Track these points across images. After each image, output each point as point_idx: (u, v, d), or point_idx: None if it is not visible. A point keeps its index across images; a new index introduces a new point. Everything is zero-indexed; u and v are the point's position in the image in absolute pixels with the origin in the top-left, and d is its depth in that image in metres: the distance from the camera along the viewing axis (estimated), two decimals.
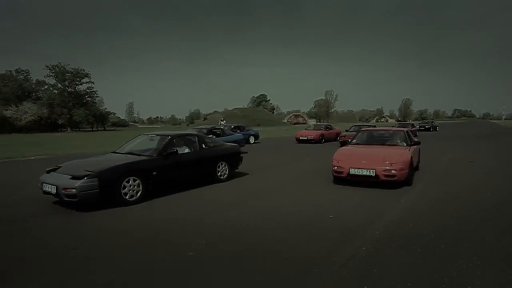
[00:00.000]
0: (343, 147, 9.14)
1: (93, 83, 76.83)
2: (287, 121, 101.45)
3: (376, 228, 4.84)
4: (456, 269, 3.49)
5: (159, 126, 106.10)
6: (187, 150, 7.88)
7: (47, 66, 71.83)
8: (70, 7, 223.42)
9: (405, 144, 8.75)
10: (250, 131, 23.20)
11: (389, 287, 3.16)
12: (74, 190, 5.65)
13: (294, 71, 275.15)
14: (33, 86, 74.51)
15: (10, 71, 71.45)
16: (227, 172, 8.67)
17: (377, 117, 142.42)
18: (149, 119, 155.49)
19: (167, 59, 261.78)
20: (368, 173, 7.42)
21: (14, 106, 64.57)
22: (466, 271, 3.48)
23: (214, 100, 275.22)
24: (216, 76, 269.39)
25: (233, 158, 8.98)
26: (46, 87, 75.59)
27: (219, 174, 8.43)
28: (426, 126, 41.45)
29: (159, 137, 7.79)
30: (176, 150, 7.25)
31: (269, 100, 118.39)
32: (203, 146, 8.19)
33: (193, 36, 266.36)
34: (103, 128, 79.47)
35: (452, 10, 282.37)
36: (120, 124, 75.52)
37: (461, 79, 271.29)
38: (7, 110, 63.64)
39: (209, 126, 17.05)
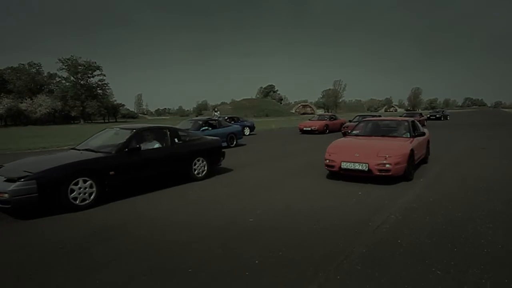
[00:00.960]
0: (339, 139, 8.42)
1: (104, 75, 76.46)
2: (295, 111, 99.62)
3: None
4: None
5: (167, 117, 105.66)
6: (157, 145, 6.87)
7: (59, 59, 71.65)
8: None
9: (408, 136, 7.86)
10: (245, 122, 22.12)
11: None
12: (6, 195, 4.69)
13: (301, 61, 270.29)
14: (45, 79, 74.39)
15: (23, 64, 71.44)
16: (205, 169, 7.61)
17: (386, 107, 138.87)
18: (157, 110, 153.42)
19: (175, 51, 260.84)
20: (360, 167, 6.71)
21: (29, 99, 64.76)
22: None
23: (221, 92, 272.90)
24: (224, 67, 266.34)
25: (213, 154, 7.95)
26: (57, 80, 75.61)
27: (195, 171, 7.40)
28: (437, 115, 40.25)
29: (123, 131, 6.76)
30: (139, 146, 6.21)
31: (277, 90, 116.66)
32: (176, 140, 7.12)
33: (201, 27, 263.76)
34: (114, 120, 79.31)
35: None
36: (130, 116, 75.22)
37: (472, 67, 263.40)
38: (22, 102, 63.88)
39: (204, 118, 15.94)
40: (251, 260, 3.46)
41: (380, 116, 20.88)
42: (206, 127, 13.32)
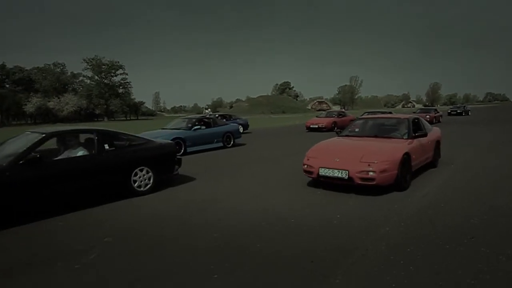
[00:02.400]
0: (324, 141, 6.93)
1: (127, 74, 76.81)
2: (311, 107, 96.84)
3: None
4: None
5: (184, 114, 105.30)
6: (81, 153, 5.32)
7: (84, 60, 72.39)
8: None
9: (406, 136, 6.34)
10: (237, 120, 20.04)
11: None
12: None
13: (316, 57, 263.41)
14: (69, 79, 75.27)
15: (48, 64, 72.54)
16: (151, 181, 5.95)
17: (403, 102, 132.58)
18: (173, 108, 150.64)
19: (190, 49, 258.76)
20: (340, 175, 5.43)
21: (56, 98, 65.69)
22: None
23: (236, 89, 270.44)
24: (238, 64, 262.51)
25: (162, 162, 6.27)
26: (80, 79, 76.39)
27: (136, 184, 5.75)
28: (458, 111, 37.78)
29: (33, 135, 5.18)
30: (39, 156, 4.60)
31: (293, 87, 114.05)
32: (107, 146, 5.49)
33: (215, 25, 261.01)
34: (136, 117, 79.57)
35: None
36: (149, 113, 75.18)
37: (494, 61, 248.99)
38: (49, 101, 64.89)
39: (198, 116, 14.18)
40: None
41: (391, 113, 18.82)
42: (198, 126, 11.56)
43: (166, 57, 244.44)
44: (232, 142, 12.56)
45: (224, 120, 16.86)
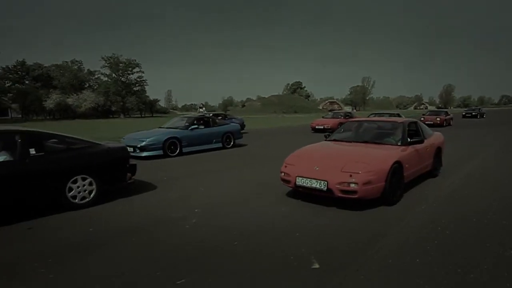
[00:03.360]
0: (308, 145, 6.10)
1: (143, 72, 77.12)
2: (322, 107, 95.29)
3: None
4: None
5: (193, 113, 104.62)
6: (3, 158, 4.43)
7: (103, 58, 73.07)
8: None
9: (399, 143, 5.50)
10: (233, 120, 18.54)
11: None
12: None
13: (327, 57, 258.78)
14: (86, 76, 75.79)
15: (66, 61, 73.32)
16: (93, 191, 4.99)
17: (415, 104, 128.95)
18: (184, 106, 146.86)
19: (201, 47, 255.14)
20: (318, 186, 4.65)
21: (75, 94, 66.44)
22: None
23: (247, 88, 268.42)
24: (249, 63, 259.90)
25: (109, 169, 5.31)
26: (96, 76, 76.89)
27: (71, 195, 4.76)
28: (473, 113, 37.37)
29: None
30: None
31: (304, 87, 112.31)
32: (33, 151, 4.51)
33: (226, 23, 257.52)
34: (151, 115, 79.88)
35: None
36: (162, 111, 75.35)
37: (509, 63, 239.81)
38: (68, 98, 65.65)
39: (195, 115, 13.53)
40: None
41: (399, 115, 17.88)
42: (196, 126, 10.85)
43: (177, 56, 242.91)
44: (232, 143, 11.86)
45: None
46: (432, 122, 22.06)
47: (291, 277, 2.82)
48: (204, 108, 27.58)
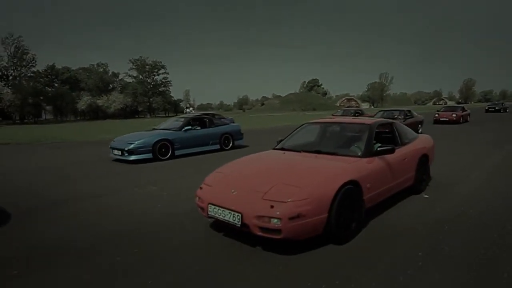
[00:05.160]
0: (244, 157, 4.48)
1: (168, 73, 77.90)
2: (340, 104, 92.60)
3: None
4: None
5: (213, 112, 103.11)
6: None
7: (130, 60, 74.62)
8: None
9: (359, 154, 3.84)
10: (222, 120, 15.69)
11: None
12: None
13: (343, 54, 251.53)
14: (111, 78, 76.84)
15: (92, 64, 74.84)
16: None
17: (434, 99, 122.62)
18: (200, 105, 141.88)
19: (218, 45, 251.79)
20: (232, 219, 3.05)
21: (104, 96, 67.95)
22: None
23: (263, 86, 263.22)
24: (264, 61, 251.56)
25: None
26: (120, 78, 77.86)
27: None
28: (496, 108, 37.05)
29: None
30: None
31: (321, 84, 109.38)
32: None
33: (241, 21, 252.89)
34: (175, 114, 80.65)
35: None
36: (181, 110, 75.85)
37: None
38: (98, 99, 67.23)
39: (193, 114, 11.82)
40: None
41: (409, 111, 16.26)
42: (190, 127, 9.71)
43: (194, 55, 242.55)
44: (231, 144, 10.98)
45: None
46: (447, 119, 20.10)
47: None
48: (191, 108, 25.41)
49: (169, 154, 8.97)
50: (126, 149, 8.32)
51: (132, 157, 8.30)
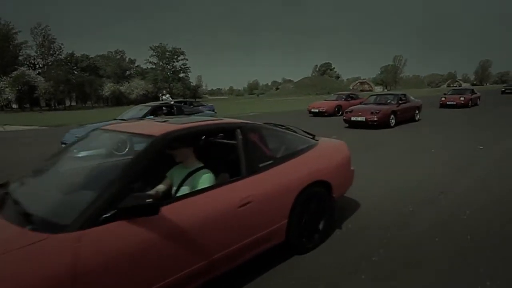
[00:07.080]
0: None
1: (187, 60, 77.93)
2: (352, 88, 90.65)
3: None
4: None
5: (225, 97, 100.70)
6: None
7: (151, 47, 74.99)
8: None
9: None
10: (200, 107, 14.19)
11: None
12: None
13: (355, 37, 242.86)
14: (127, 65, 76.94)
15: (111, 52, 74.99)
16: None
17: (448, 82, 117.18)
18: (210, 91, 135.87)
19: (225, 30, 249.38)
20: None
21: (127, 83, 68.92)
22: None
23: (273, 71, 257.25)
24: (274, 46, 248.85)
25: None
26: (136, 64, 78.00)
27: None
28: None
29: None
30: None
31: (334, 68, 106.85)
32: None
33: (250, 6, 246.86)
34: (194, 99, 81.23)
35: None
36: (197, 96, 76.44)
37: None
38: (121, 86, 68.26)
39: (156, 103, 10.49)
40: None
41: (404, 95, 12.96)
42: (152, 116, 7.90)
43: (205, 40, 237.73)
44: None
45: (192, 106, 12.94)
46: (455, 102, 18.09)
47: None
48: (168, 95, 22.22)
49: (126, 149, 8.76)
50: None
51: (82, 154, 7.19)
